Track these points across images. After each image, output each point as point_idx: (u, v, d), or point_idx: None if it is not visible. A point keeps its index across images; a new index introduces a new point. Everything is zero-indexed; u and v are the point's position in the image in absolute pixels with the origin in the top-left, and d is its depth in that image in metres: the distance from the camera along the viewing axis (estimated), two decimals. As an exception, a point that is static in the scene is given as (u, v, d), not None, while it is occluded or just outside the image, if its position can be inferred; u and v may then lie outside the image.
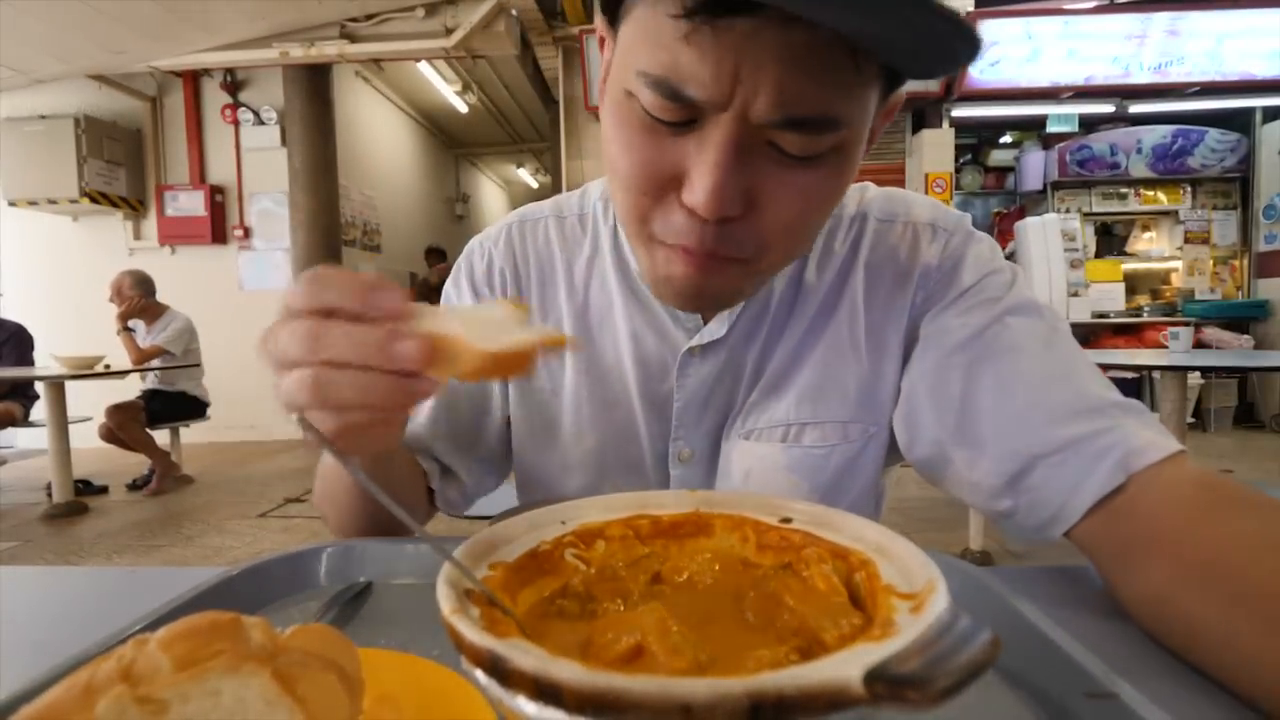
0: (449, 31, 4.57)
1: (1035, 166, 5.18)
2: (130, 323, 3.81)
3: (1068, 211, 5.02)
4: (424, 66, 5.95)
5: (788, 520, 0.34)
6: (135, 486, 3.91)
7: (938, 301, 0.57)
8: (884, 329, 0.58)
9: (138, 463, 3.96)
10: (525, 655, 0.20)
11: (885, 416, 0.59)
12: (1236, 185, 5.06)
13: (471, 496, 0.67)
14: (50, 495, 3.44)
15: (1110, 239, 5.22)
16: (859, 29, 0.34)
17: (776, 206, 0.43)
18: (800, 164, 0.41)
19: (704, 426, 0.61)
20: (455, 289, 0.67)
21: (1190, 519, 0.41)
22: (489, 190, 10.78)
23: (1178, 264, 5.13)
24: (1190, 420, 4.65)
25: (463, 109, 7.16)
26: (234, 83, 5.33)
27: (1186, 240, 5.09)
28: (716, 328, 0.58)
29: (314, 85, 5.08)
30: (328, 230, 5.24)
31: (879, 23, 0.33)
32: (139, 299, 3.77)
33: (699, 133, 0.41)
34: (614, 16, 0.45)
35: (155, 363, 3.79)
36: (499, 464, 0.68)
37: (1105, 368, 0.52)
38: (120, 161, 5.19)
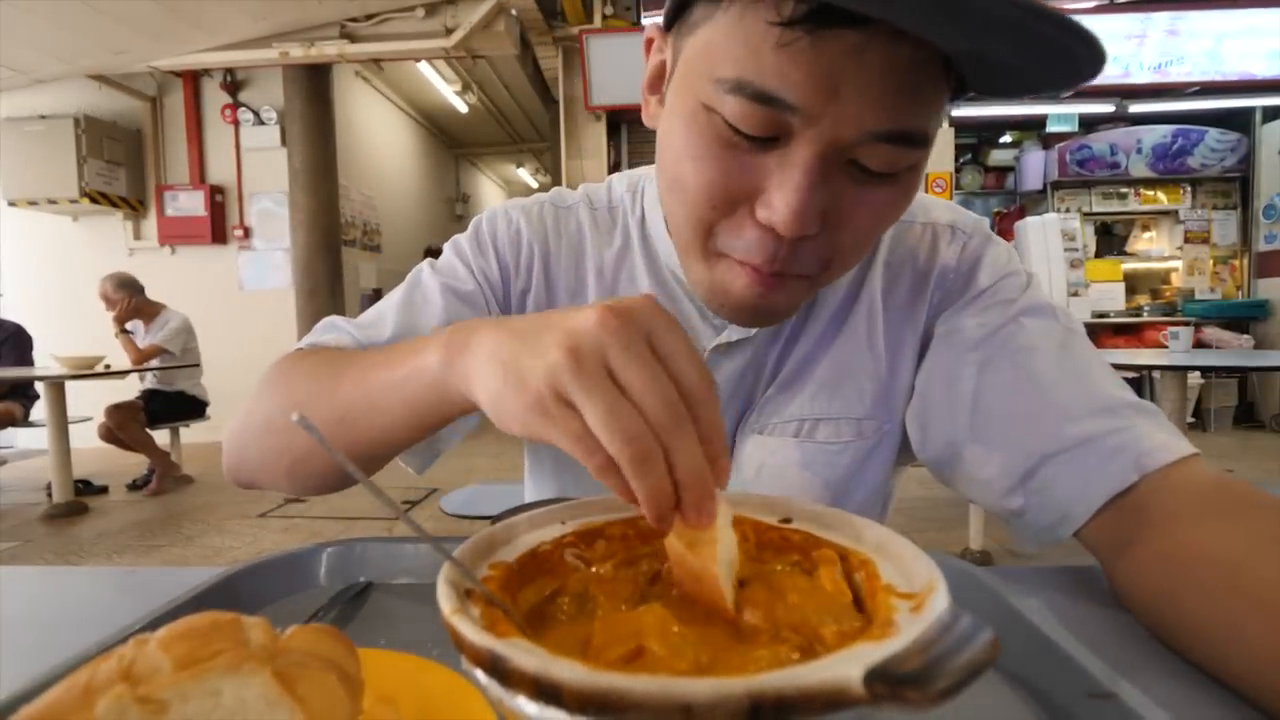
0: (449, 31, 4.57)
1: (1035, 166, 5.18)
2: (130, 324, 3.81)
3: (1068, 211, 5.02)
4: (424, 66, 5.95)
5: (787, 520, 0.34)
6: (135, 486, 3.91)
7: (954, 301, 0.57)
8: (901, 328, 0.58)
9: (138, 463, 3.95)
10: (526, 655, 0.20)
11: (899, 414, 0.59)
12: (1236, 185, 5.05)
13: (437, 455, 0.61)
14: (50, 495, 3.44)
15: (1110, 239, 5.22)
16: (976, 48, 0.34)
17: (850, 224, 0.42)
18: (878, 181, 0.41)
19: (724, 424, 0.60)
20: (476, 243, 0.63)
21: (1200, 520, 0.40)
22: (489, 190, 10.77)
23: (1178, 264, 5.13)
24: (1190, 420, 4.65)
25: (463, 109, 7.16)
26: (234, 83, 5.32)
27: (1186, 240, 5.09)
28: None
29: (314, 85, 5.08)
30: (328, 230, 5.23)
31: (999, 43, 0.32)
32: (128, 300, 3.77)
33: (783, 150, 0.40)
34: (676, 22, 0.44)
35: (154, 362, 3.79)
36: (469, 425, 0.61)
37: (1106, 368, 0.52)
38: (120, 161, 5.19)
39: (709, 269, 0.47)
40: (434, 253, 0.66)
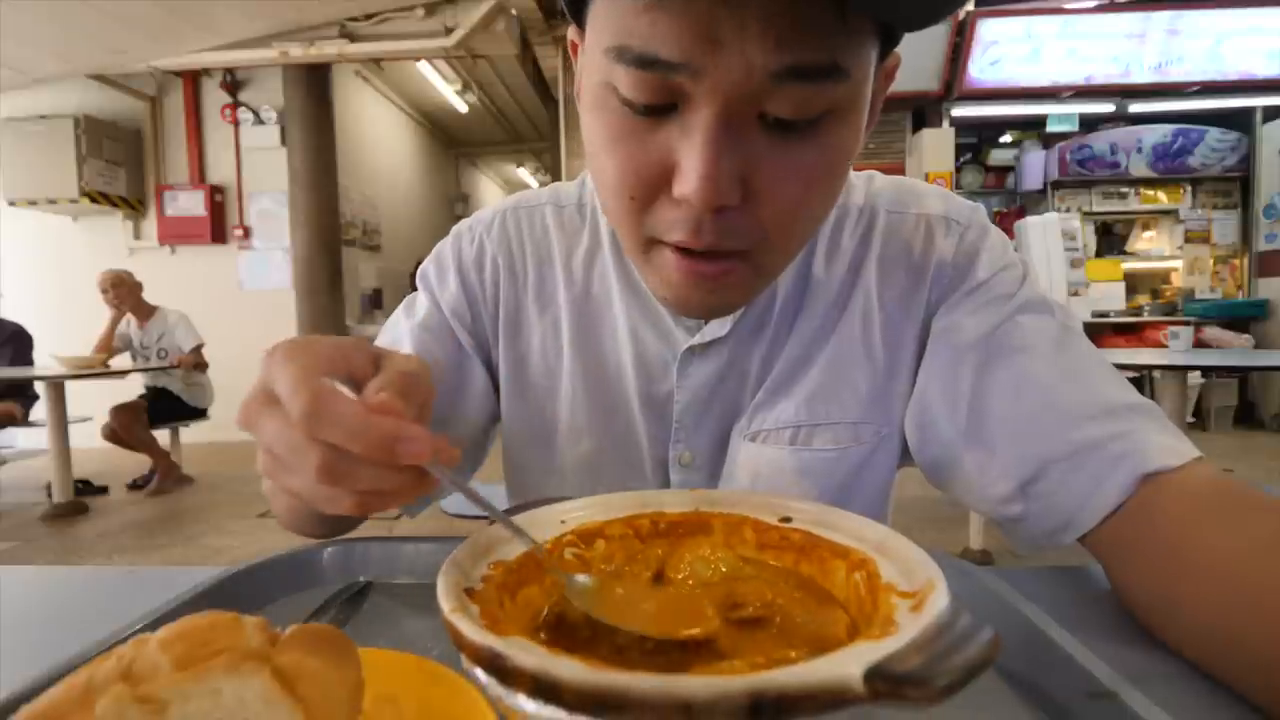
0: (449, 31, 4.57)
1: (1035, 166, 5.18)
2: (122, 322, 3.86)
3: (1068, 211, 5.02)
4: (424, 66, 5.94)
5: (787, 519, 0.34)
6: (135, 486, 3.91)
7: (950, 296, 0.55)
8: (900, 326, 0.57)
9: (138, 463, 3.95)
10: (525, 653, 0.20)
11: (898, 417, 0.57)
12: (1236, 185, 5.06)
13: (428, 499, 0.62)
14: (50, 495, 3.44)
15: (1110, 238, 5.22)
16: None
17: (775, 190, 0.40)
18: (796, 137, 0.39)
19: (706, 429, 0.59)
20: (438, 272, 0.63)
21: (1202, 525, 0.40)
22: (489, 190, 10.77)
23: (1178, 263, 5.13)
24: (1190, 420, 4.65)
25: (463, 109, 7.15)
26: (234, 82, 5.32)
27: (1187, 240, 5.09)
28: (718, 326, 0.56)
29: (314, 85, 5.07)
30: (327, 230, 5.23)
31: None
32: (139, 289, 3.88)
33: (682, 117, 0.38)
34: (579, 13, 0.43)
35: (177, 370, 3.92)
36: (469, 461, 0.64)
37: (1106, 367, 0.52)
38: (120, 161, 5.19)
39: (647, 261, 0.46)
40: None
